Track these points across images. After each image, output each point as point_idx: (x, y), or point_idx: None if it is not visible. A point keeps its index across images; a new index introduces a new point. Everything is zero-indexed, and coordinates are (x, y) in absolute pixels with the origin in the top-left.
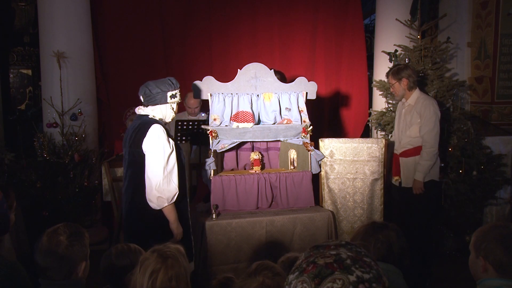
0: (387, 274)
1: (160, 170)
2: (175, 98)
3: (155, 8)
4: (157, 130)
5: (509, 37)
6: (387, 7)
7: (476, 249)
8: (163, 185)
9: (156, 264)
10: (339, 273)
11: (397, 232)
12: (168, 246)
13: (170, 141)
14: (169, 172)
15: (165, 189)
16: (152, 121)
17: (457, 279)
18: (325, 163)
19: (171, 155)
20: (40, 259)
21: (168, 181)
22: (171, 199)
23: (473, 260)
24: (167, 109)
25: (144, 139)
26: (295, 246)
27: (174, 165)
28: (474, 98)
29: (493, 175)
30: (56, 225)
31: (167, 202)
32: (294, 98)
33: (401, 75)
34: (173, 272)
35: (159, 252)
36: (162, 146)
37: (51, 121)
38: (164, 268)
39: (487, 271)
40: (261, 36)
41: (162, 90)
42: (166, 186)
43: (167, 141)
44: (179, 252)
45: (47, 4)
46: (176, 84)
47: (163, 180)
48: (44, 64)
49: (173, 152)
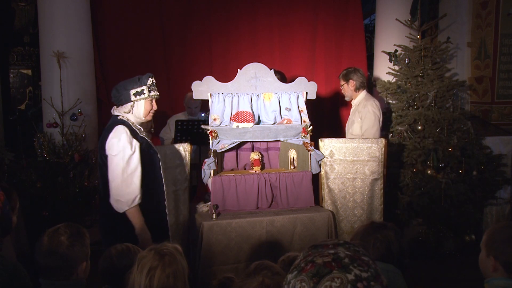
0: (386, 274)
1: (119, 172)
2: (141, 95)
3: (155, 8)
4: (118, 132)
5: (509, 37)
6: (387, 7)
7: (487, 248)
8: (121, 188)
9: (154, 262)
10: (337, 271)
11: (395, 232)
12: (165, 244)
13: (133, 142)
14: (130, 175)
15: (124, 192)
16: (117, 122)
17: (457, 279)
18: (325, 163)
19: (132, 157)
20: (41, 259)
21: (128, 184)
22: (131, 202)
23: (483, 259)
24: (136, 108)
25: (107, 140)
26: (295, 246)
27: (137, 167)
28: (474, 98)
29: (493, 175)
30: (57, 225)
31: (127, 206)
32: (294, 98)
33: (349, 76)
34: (170, 269)
35: (156, 250)
36: (122, 147)
37: (51, 121)
38: (162, 265)
39: (497, 270)
40: (261, 36)
41: (126, 88)
42: (124, 188)
43: (128, 143)
44: (176, 250)
45: (47, 4)
46: (143, 80)
47: (121, 183)
48: (44, 64)
49: (135, 153)
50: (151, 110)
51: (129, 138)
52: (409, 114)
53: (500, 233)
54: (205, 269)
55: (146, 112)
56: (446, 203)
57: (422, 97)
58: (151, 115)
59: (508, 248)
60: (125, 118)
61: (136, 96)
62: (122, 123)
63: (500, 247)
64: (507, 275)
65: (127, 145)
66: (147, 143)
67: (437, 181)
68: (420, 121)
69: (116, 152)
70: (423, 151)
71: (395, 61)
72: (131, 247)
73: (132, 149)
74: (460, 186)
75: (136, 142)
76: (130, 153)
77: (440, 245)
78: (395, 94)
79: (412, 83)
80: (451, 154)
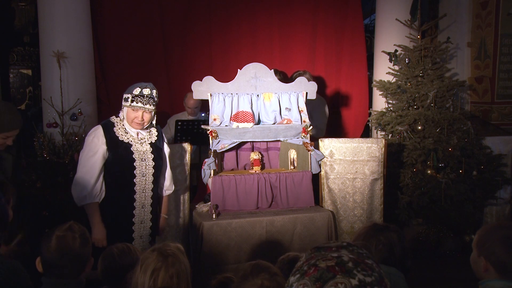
0: (389, 277)
1: (78, 168)
2: (126, 102)
3: (155, 8)
4: (92, 130)
5: (509, 37)
6: (387, 7)
7: (479, 248)
8: (74, 184)
9: (157, 263)
10: (341, 276)
11: (398, 234)
12: (168, 244)
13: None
14: (85, 173)
15: (75, 188)
16: (102, 122)
17: (457, 279)
18: (325, 163)
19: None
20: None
21: (80, 181)
22: (81, 200)
23: (475, 259)
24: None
25: None
26: (295, 246)
27: (93, 166)
28: (474, 98)
29: (493, 175)
30: (64, 224)
31: (78, 202)
32: (294, 98)
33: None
34: (174, 270)
35: (159, 251)
36: (86, 145)
37: (51, 121)
38: (165, 266)
39: (488, 271)
40: (261, 36)
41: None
42: (76, 186)
43: (92, 142)
44: (179, 250)
45: (47, 4)
46: (131, 88)
47: (75, 179)
48: (44, 64)
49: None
50: (134, 119)
51: (95, 137)
52: (409, 114)
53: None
54: (205, 269)
55: (129, 120)
56: (446, 203)
57: (422, 97)
58: (136, 124)
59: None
60: (115, 119)
61: (124, 101)
62: (105, 123)
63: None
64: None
65: (90, 144)
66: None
67: (437, 181)
68: (420, 121)
69: (83, 148)
70: (423, 151)
71: (395, 61)
72: (131, 246)
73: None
74: (460, 186)
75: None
76: (91, 153)
77: (440, 245)
78: (395, 94)
79: (412, 83)
80: (451, 154)
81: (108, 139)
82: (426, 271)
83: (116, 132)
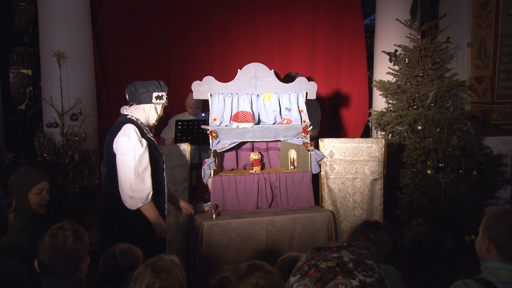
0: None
1: (131, 170)
2: (161, 100)
3: (155, 8)
4: (128, 130)
5: (509, 37)
6: (387, 7)
7: (484, 230)
8: (135, 186)
9: (150, 279)
10: (341, 277)
11: (388, 231)
12: (162, 258)
13: (143, 141)
14: (142, 172)
15: (138, 189)
16: (126, 121)
17: (457, 279)
18: (325, 163)
19: (143, 155)
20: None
21: (141, 181)
22: (145, 199)
23: (480, 240)
24: (150, 110)
25: (115, 138)
26: (295, 246)
27: (148, 165)
28: (474, 98)
29: (493, 175)
30: (58, 223)
31: (141, 202)
32: (294, 98)
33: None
34: (167, 285)
35: (152, 266)
36: (132, 146)
37: (51, 121)
38: (159, 282)
39: (490, 251)
40: (261, 36)
41: (148, 90)
42: (138, 186)
43: (138, 141)
44: (173, 264)
45: (47, 4)
46: (163, 87)
47: (135, 180)
48: (44, 64)
49: (146, 152)
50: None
51: (138, 136)
52: (409, 114)
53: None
54: (205, 269)
55: (158, 117)
56: (446, 203)
57: (422, 97)
58: (157, 120)
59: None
60: (134, 117)
61: (157, 99)
62: (131, 122)
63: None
64: (499, 256)
65: (137, 143)
66: (153, 144)
67: (437, 181)
68: (420, 121)
69: (126, 150)
70: (423, 151)
71: (395, 61)
72: (132, 247)
73: (142, 146)
74: (460, 186)
75: (145, 140)
76: (141, 151)
77: (440, 245)
78: (395, 94)
79: (412, 83)
80: (451, 154)
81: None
82: (426, 271)
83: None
